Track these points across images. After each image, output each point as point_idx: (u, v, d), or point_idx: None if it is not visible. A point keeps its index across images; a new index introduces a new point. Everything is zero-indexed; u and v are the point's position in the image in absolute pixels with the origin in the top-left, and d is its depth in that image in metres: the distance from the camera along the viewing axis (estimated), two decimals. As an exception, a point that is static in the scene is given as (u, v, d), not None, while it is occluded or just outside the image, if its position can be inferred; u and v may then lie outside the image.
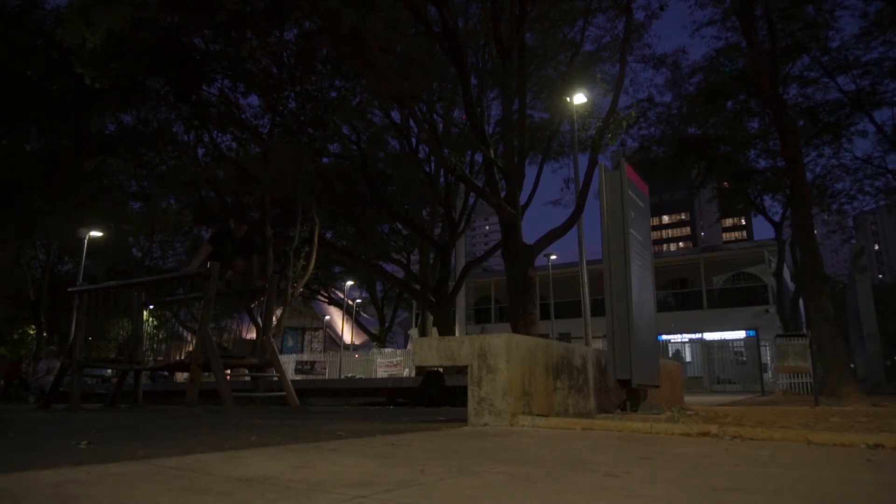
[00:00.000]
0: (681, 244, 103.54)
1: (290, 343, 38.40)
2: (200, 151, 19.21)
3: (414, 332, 23.58)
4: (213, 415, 5.18)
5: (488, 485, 1.78)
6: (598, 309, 17.40)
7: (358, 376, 25.11)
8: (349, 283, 37.77)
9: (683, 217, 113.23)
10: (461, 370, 4.47)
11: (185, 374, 6.82)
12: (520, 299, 12.61)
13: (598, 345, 15.47)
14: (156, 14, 11.83)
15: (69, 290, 8.27)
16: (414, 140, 19.71)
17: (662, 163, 20.12)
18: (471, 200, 20.33)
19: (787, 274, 26.34)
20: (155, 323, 8.33)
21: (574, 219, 13.49)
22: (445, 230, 20.88)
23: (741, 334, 24.96)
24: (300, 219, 17.12)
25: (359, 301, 43.54)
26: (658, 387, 5.53)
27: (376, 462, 2.20)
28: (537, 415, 3.95)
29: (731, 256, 29.28)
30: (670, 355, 23.35)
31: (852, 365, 18.97)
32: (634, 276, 4.92)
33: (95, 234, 21.96)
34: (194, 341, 6.48)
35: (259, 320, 6.86)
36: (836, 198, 20.56)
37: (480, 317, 32.92)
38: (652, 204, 6.05)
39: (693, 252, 36.55)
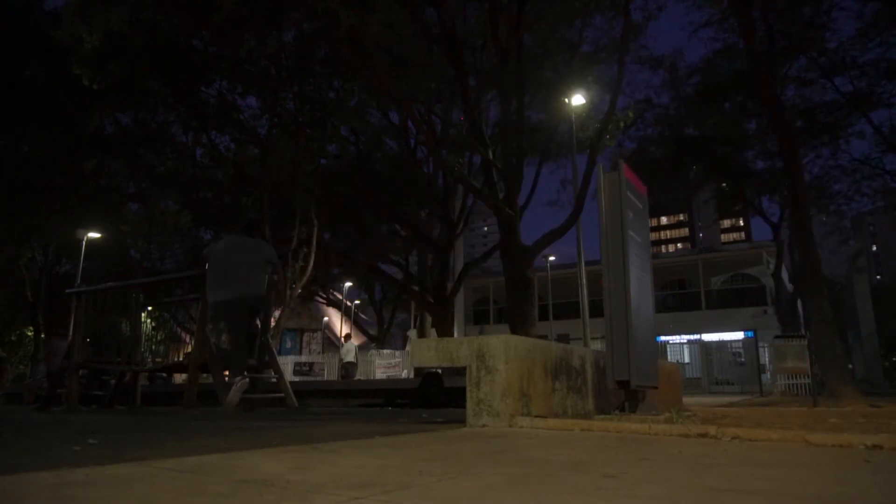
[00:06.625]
0: (679, 245, 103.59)
1: (289, 344, 38.32)
2: (199, 152, 19.22)
3: (412, 333, 23.55)
4: (211, 416, 5.17)
5: (487, 486, 1.78)
6: (596, 310, 17.33)
7: (356, 377, 25.04)
8: (348, 284, 37.74)
9: (682, 218, 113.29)
10: (460, 371, 4.47)
11: (184, 376, 6.81)
12: (518, 300, 12.62)
13: (597, 346, 15.47)
14: (154, 15, 11.82)
15: (67, 291, 8.25)
16: (412, 141, 19.72)
17: (661, 164, 20.15)
18: (469, 201, 20.33)
19: (785, 275, 26.38)
20: (153, 324, 8.28)
21: (572, 220, 13.49)
22: (444, 231, 20.88)
23: (739, 335, 24.98)
24: (298, 220, 17.11)
25: (357, 302, 43.49)
26: (657, 388, 5.53)
27: (375, 463, 2.20)
28: (536, 416, 3.95)
29: (730, 257, 29.32)
30: (668, 357, 23.35)
31: (850, 366, 19.01)
32: (633, 277, 4.92)
33: (93, 235, 21.92)
34: (192, 342, 6.48)
35: (257, 322, 6.85)
36: (834, 199, 20.60)
37: (479, 318, 32.92)
38: (650, 205, 6.05)
39: (691, 253, 36.60)
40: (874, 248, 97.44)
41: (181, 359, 7.49)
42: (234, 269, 5.64)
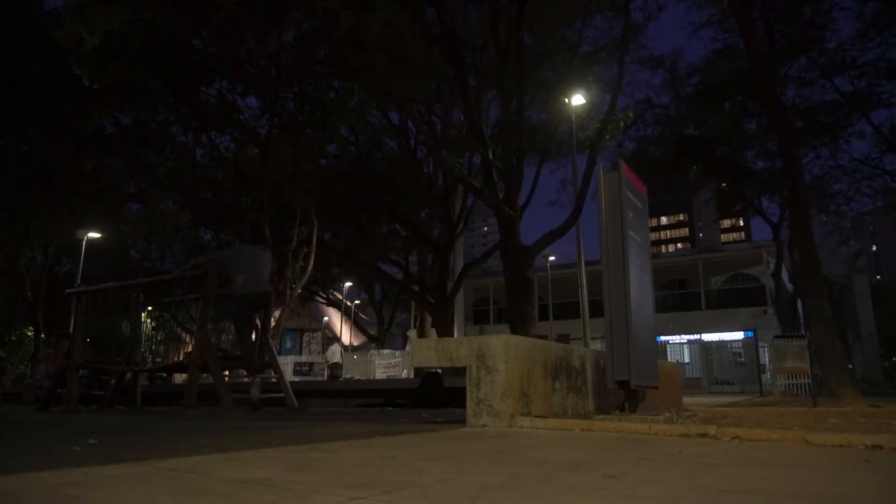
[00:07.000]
0: (679, 245, 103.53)
1: (289, 344, 38.33)
2: (199, 152, 19.23)
3: (412, 333, 23.55)
4: (211, 416, 5.17)
5: (486, 486, 1.78)
6: (596, 310, 17.32)
7: (356, 377, 25.06)
8: (348, 284, 37.75)
9: (682, 218, 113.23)
10: (460, 371, 4.47)
11: (184, 376, 6.81)
12: (518, 300, 12.62)
13: (597, 346, 15.47)
14: (154, 15, 11.82)
15: (67, 291, 8.25)
16: (412, 141, 19.72)
17: (661, 164, 20.14)
18: (469, 201, 20.33)
19: (785, 275, 26.37)
20: (153, 324, 8.29)
21: (572, 220, 13.48)
22: (444, 231, 20.87)
23: (739, 335, 24.98)
24: (298, 220, 17.11)
25: (357, 302, 43.50)
26: (657, 388, 5.53)
27: (375, 463, 2.20)
28: (536, 416, 3.95)
29: (730, 257, 29.30)
30: (668, 357, 23.34)
31: (850, 366, 19.01)
32: (633, 277, 4.92)
33: (94, 235, 21.93)
34: (192, 342, 6.48)
35: (258, 322, 6.85)
36: (834, 199, 20.59)
37: (479, 318, 32.91)
38: (650, 205, 6.05)
39: (691, 253, 36.57)
40: (874, 248, 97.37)
41: (181, 359, 7.49)
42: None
